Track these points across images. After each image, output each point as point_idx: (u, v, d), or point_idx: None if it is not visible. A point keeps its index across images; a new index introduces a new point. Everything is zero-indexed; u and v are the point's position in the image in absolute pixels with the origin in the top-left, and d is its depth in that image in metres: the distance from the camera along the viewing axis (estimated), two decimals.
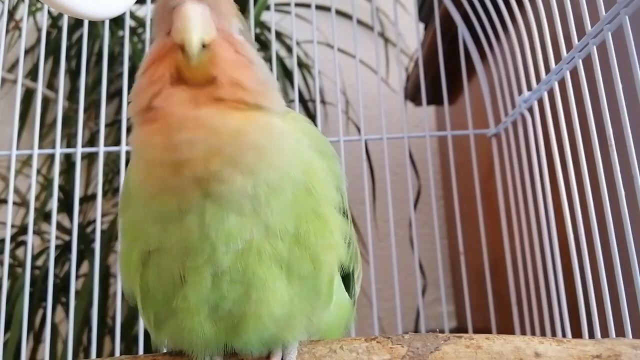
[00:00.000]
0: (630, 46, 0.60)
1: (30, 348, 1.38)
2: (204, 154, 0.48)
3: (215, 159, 0.48)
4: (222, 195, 0.49)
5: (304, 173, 0.53)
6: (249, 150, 0.49)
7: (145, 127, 0.51)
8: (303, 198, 0.52)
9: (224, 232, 0.49)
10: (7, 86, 1.68)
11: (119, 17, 1.31)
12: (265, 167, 0.50)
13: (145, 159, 0.51)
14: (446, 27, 1.22)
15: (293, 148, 0.53)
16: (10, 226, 1.02)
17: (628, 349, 0.54)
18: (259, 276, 0.51)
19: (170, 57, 0.49)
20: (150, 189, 0.51)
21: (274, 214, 0.51)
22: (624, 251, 0.62)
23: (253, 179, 0.49)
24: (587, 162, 0.71)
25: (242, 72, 0.50)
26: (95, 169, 1.52)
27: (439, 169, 1.87)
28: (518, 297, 1.04)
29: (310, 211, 0.53)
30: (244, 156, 0.49)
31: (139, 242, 0.53)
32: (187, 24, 0.47)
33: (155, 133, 0.49)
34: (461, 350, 0.56)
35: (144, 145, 0.51)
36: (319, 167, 0.55)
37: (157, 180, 0.50)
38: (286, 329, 0.54)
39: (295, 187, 0.52)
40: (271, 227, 0.51)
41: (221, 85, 0.49)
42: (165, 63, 0.49)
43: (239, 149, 0.49)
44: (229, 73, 0.49)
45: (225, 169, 0.48)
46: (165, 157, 0.49)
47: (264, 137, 0.50)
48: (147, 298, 0.55)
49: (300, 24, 1.46)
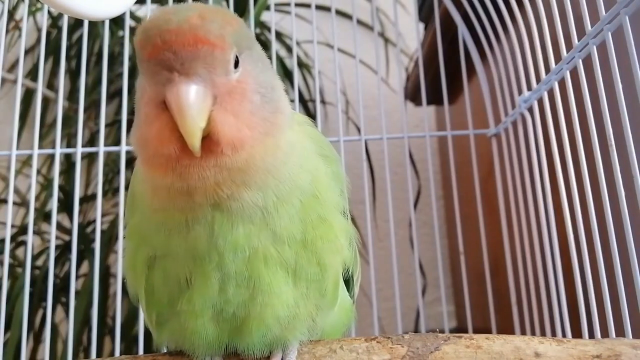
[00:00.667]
0: (630, 46, 0.60)
1: (30, 348, 1.38)
2: (214, 183, 0.48)
3: (225, 186, 0.48)
4: (232, 208, 0.50)
5: (311, 181, 0.54)
6: (256, 173, 0.49)
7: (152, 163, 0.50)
8: (310, 205, 0.53)
9: (232, 240, 0.50)
10: (7, 86, 1.68)
11: (119, 17, 1.31)
12: (274, 182, 0.51)
13: (151, 183, 0.51)
14: (446, 27, 1.22)
15: (300, 158, 0.54)
16: (10, 226, 1.02)
17: (628, 349, 0.54)
18: (265, 280, 0.52)
19: (172, 136, 0.46)
20: (156, 205, 0.51)
21: (283, 222, 0.52)
22: (624, 251, 0.62)
23: (263, 194, 0.50)
24: (587, 162, 0.71)
25: (240, 129, 0.48)
26: (95, 169, 1.52)
27: (439, 169, 1.87)
28: (518, 297, 1.04)
29: (316, 217, 0.54)
30: (253, 179, 0.49)
31: (145, 247, 0.54)
32: (187, 125, 0.44)
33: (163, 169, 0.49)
34: (461, 350, 0.56)
35: (151, 175, 0.51)
36: (324, 173, 0.56)
37: (164, 199, 0.50)
38: (289, 331, 0.55)
39: (303, 196, 0.53)
40: (278, 234, 0.52)
41: (224, 146, 0.48)
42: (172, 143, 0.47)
43: (248, 174, 0.49)
44: (227, 138, 0.47)
45: (235, 191, 0.49)
46: (173, 184, 0.49)
47: (270, 159, 0.50)
48: (151, 299, 0.56)
49: (300, 24, 1.46)
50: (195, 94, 0.45)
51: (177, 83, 0.45)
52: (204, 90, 0.46)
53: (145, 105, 0.48)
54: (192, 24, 0.45)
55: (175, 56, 0.45)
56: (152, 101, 0.47)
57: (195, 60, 0.45)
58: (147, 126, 0.48)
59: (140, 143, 0.50)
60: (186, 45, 0.44)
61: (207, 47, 0.45)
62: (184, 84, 0.45)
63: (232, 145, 0.48)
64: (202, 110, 0.45)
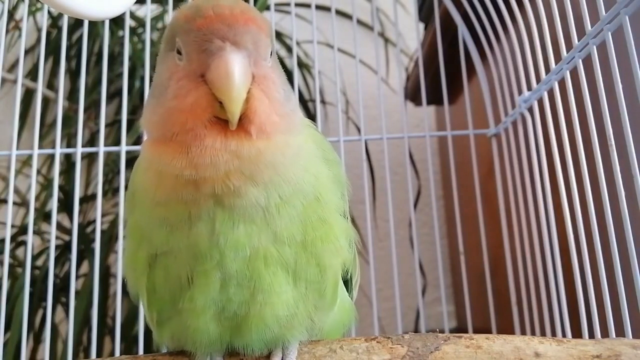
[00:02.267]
0: (630, 46, 0.60)
1: (30, 348, 1.38)
2: (224, 173, 0.49)
3: (234, 178, 0.49)
4: (235, 206, 0.50)
5: (314, 185, 0.54)
6: (265, 168, 0.51)
7: (165, 145, 0.51)
8: (311, 207, 0.54)
9: (233, 239, 0.51)
10: (7, 86, 1.69)
11: (119, 17, 1.31)
12: (278, 182, 0.51)
13: (156, 170, 0.52)
14: (446, 27, 1.22)
15: (306, 161, 0.55)
16: (10, 226, 1.02)
17: (628, 349, 0.54)
18: (265, 280, 0.52)
19: (208, 106, 0.48)
20: (159, 197, 0.51)
21: (283, 223, 0.52)
22: (624, 251, 0.62)
23: (267, 192, 0.51)
24: (587, 162, 0.71)
25: (271, 114, 0.51)
26: (95, 169, 1.52)
27: (439, 169, 1.87)
28: (518, 297, 1.04)
29: (317, 219, 0.54)
30: (261, 174, 0.50)
31: (146, 245, 0.54)
32: (233, 91, 0.47)
33: (176, 151, 0.50)
34: (461, 350, 0.56)
35: (159, 158, 0.51)
36: (326, 177, 0.57)
37: (168, 191, 0.51)
38: (288, 330, 0.55)
39: (306, 198, 0.53)
40: (279, 235, 0.52)
41: (253, 127, 0.50)
42: (207, 112, 0.49)
43: (257, 167, 0.50)
44: (261, 119, 0.50)
45: (242, 185, 0.50)
46: (182, 173, 0.49)
47: (280, 155, 0.52)
48: (152, 298, 0.56)
49: (300, 24, 1.46)
50: (244, 64, 0.48)
51: (229, 51, 0.47)
52: (248, 65, 0.49)
53: (178, 80, 0.50)
54: (242, 7, 0.50)
55: (229, 28, 0.48)
56: (189, 75, 0.50)
57: (246, 35, 0.48)
58: (179, 99, 0.50)
59: (164, 118, 0.51)
60: (240, 20, 0.48)
61: (255, 28, 0.49)
62: (236, 52, 0.48)
63: (263, 129, 0.50)
64: (247, 81, 0.48)
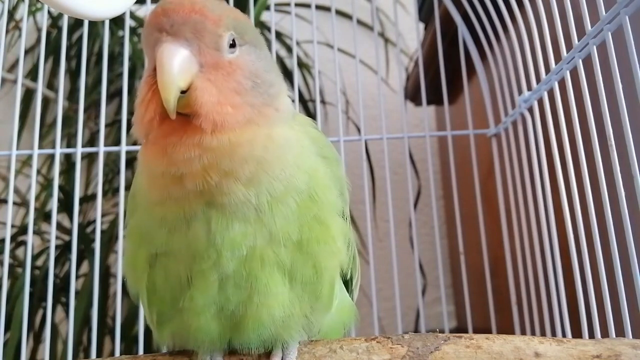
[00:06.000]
0: (630, 46, 0.60)
1: (30, 348, 1.38)
2: (201, 168, 0.49)
3: (212, 172, 0.50)
4: (225, 205, 0.50)
5: (308, 182, 0.54)
6: (244, 162, 0.50)
7: (151, 145, 0.53)
8: (306, 206, 0.54)
9: (229, 239, 0.51)
10: (7, 86, 1.68)
11: (119, 17, 1.31)
12: (266, 178, 0.51)
13: (148, 170, 0.53)
14: (446, 27, 1.22)
15: (297, 157, 0.54)
16: (10, 226, 1.02)
17: (628, 349, 0.54)
18: (262, 281, 0.52)
19: (156, 98, 0.49)
20: (155, 197, 0.52)
21: (278, 222, 0.52)
22: (624, 251, 0.62)
23: (255, 190, 0.51)
24: (587, 162, 0.71)
25: (221, 105, 0.50)
26: (95, 169, 1.52)
27: (439, 169, 1.87)
28: (518, 297, 1.04)
29: (313, 218, 0.54)
30: (241, 169, 0.50)
31: (146, 245, 0.54)
32: (164, 77, 0.47)
33: (157, 151, 0.51)
34: (461, 350, 0.56)
35: (147, 160, 0.53)
36: (322, 174, 0.56)
37: (160, 189, 0.51)
38: (284, 329, 0.55)
39: (299, 196, 0.53)
40: (274, 235, 0.52)
41: (203, 120, 0.49)
42: (152, 104, 0.50)
43: (234, 162, 0.50)
44: (207, 110, 0.49)
45: (224, 181, 0.50)
46: (167, 170, 0.50)
47: (260, 149, 0.51)
48: (153, 298, 0.56)
49: (300, 24, 1.46)
50: (178, 53, 0.48)
51: (164, 42, 0.48)
52: (188, 54, 0.49)
53: (143, 81, 0.52)
54: (195, 0, 0.50)
55: (167, 19, 0.48)
56: (149, 73, 0.50)
57: (184, 25, 0.49)
58: (140, 99, 0.51)
59: (136, 120, 0.53)
60: (179, 12, 0.49)
61: (198, 16, 0.49)
62: (170, 42, 0.48)
63: (212, 121, 0.49)
64: (183, 70, 0.48)
